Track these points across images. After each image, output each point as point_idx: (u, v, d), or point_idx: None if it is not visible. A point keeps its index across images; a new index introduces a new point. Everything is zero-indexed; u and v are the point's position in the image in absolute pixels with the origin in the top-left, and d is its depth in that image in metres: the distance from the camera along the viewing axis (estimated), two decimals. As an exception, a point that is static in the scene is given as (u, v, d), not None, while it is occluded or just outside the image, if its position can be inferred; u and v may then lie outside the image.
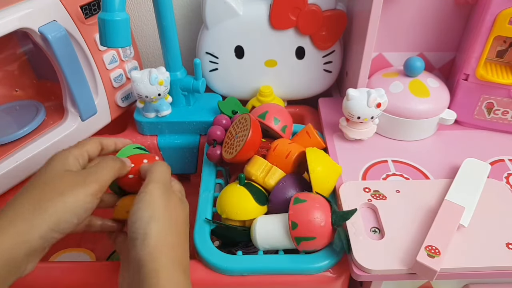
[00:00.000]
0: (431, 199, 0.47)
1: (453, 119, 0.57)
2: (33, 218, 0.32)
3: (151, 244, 0.34)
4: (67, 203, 0.34)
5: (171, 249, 0.35)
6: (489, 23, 0.51)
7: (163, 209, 0.36)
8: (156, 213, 0.36)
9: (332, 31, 0.61)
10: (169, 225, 0.36)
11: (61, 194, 0.34)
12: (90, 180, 0.36)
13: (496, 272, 0.41)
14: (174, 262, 0.35)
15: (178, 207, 0.39)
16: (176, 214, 0.38)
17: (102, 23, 0.42)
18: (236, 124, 0.53)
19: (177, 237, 0.37)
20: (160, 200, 0.37)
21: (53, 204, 0.33)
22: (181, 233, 0.38)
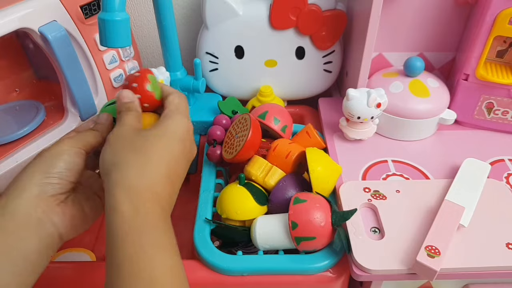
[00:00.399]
0: (431, 199, 0.47)
1: (453, 119, 0.57)
2: (26, 171, 0.36)
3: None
4: (51, 150, 0.38)
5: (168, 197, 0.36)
6: (489, 23, 0.51)
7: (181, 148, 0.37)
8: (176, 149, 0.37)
9: (332, 31, 0.61)
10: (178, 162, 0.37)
11: (48, 149, 0.38)
12: (69, 135, 0.40)
13: (496, 272, 0.41)
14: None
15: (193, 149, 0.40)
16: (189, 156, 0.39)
17: (102, 23, 0.42)
18: (236, 124, 0.53)
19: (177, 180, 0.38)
20: (181, 136, 0.38)
21: (40, 156, 0.38)
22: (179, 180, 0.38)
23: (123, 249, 0.31)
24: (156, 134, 0.37)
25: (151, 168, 0.35)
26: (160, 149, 0.36)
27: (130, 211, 0.32)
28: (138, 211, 0.32)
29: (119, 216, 0.32)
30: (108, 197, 0.33)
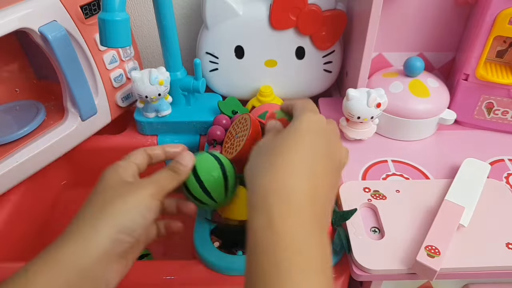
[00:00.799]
0: (431, 199, 0.47)
1: (453, 119, 0.57)
2: (96, 222, 0.32)
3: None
4: (128, 202, 0.33)
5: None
6: (489, 23, 0.51)
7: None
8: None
9: (332, 31, 0.61)
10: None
11: (121, 196, 0.33)
12: (146, 183, 0.35)
13: (496, 272, 0.41)
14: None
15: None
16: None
17: (102, 23, 0.42)
18: (236, 124, 0.53)
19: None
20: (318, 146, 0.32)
21: (114, 205, 0.33)
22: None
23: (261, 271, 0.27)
24: (288, 131, 0.33)
25: (284, 168, 0.30)
26: (293, 145, 0.31)
27: (264, 224, 0.27)
28: (276, 223, 0.27)
29: (250, 232, 0.28)
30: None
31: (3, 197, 0.54)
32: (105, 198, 0.34)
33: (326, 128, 0.34)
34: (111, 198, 0.33)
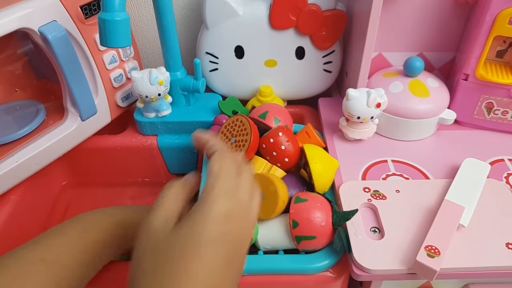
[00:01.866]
0: (431, 199, 0.47)
1: (453, 119, 0.57)
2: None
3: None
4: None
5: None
6: (489, 23, 0.51)
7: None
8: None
9: (332, 31, 0.61)
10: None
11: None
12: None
13: (496, 272, 0.41)
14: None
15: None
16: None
17: (102, 23, 0.42)
18: (230, 125, 0.52)
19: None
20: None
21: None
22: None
23: None
24: (187, 234, 0.28)
25: (178, 281, 0.27)
26: (191, 256, 0.27)
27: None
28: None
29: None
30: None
31: (3, 197, 0.54)
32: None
33: (230, 224, 0.29)
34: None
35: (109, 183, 0.68)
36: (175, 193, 0.32)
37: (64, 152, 0.57)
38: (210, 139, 0.36)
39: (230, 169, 0.32)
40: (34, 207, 0.60)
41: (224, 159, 0.33)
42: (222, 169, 0.32)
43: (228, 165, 0.32)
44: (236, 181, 0.32)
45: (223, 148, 0.35)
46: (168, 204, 0.31)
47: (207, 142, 0.36)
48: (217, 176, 0.31)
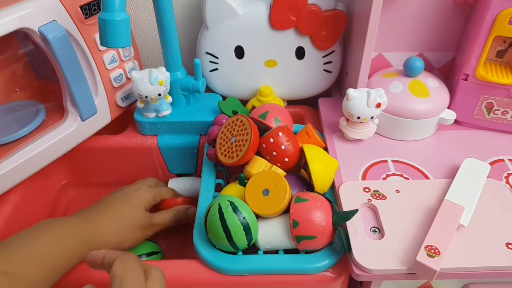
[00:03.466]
0: (431, 199, 0.47)
1: (453, 119, 0.57)
2: (105, 227, 0.48)
3: None
4: (131, 229, 0.51)
5: None
6: (489, 23, 0.51)
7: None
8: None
9: (332, 31, 0.61)
10: None
11: (131, 227, 0.51)
12: (151, 229, 0.53)
13: (496, 272, 0.41)
14: None
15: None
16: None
17: (102, 23, 0.42)
18: (230, 125, 0.52)
19: None
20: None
21: (119, 221, 0.50)
22: None
23: None
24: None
25: None
26: None
27: None
28: None
29: None
30: None
31: (3, 197, 0.54)
32: (119, 213, 0.50)
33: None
34: (125, 217, 0.50)
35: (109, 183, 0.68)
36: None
37: (64, 152, 0.57)
38: (105, 252, 0.36)
39: (134, 269, 0.33)
40: (34, 207, 0.60)
41: (127, 262, 0.33)
42: (126, 272, 0.32)
43: (132, 266, 0.33)
44: (140, 279, 0.32)
45: (123, 254, 0.35)
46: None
47: (104, 256, 0.35)
48: (123, 279, 0.31)
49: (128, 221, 0.49)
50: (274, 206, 0.44)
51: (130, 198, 0.52)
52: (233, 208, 0.42)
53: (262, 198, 0.45)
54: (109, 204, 0.51)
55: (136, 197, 0.52)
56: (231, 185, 0.50)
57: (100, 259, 0.35)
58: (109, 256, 0.35)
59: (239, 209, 0.43)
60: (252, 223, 0.43)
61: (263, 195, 0.45)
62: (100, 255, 0.36)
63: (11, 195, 0.55)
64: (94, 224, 0.47)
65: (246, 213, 0.43)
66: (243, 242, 0.43)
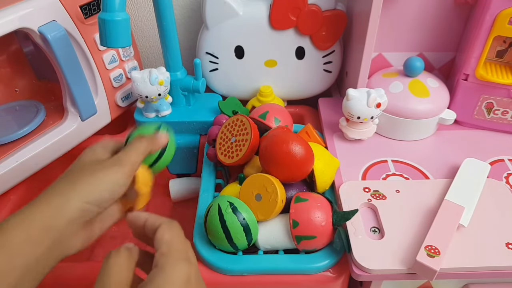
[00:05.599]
0: (431, 199, 0.47)
1: (453, 119, 0.57)
2: (68, 193, 0.35)
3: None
4: (98, 178, 0.36)
5: None
6: (489, 23, 0.51)
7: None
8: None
9: (332, 31, 0.61)
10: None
11: (93, 172, 0.36)
12: (119, 162, 0.38)
13: (496, 272, 0.41)
14: None
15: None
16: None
17: (102, 23, 0.42)
18: (230, 125, 0.52)
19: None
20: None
21: (85, 180, 0.36)
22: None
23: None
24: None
25: None
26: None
27: None
28: None
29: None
30: None
31: (3, 197, 0.54)
32: (78, 172, 0.37)
33: (191, 284, 0.31)
34: (84, 173, 0.37)
35: (109, 183, 0.68)
36: (124, 263, 0.32)
37: (64, 152, 0.57)
38: (148, 216, 0.35)
39: (181, 235, 0.34)
40: (34, 207, 0.60)
41: (173, 228, 0.34)
42: (173, 236, 0.33)
43: (179, 232, 0.34)
44: (187, 246, 0.33)
45: (167, 220, 0.35)
46: (118, 275, 0.31)
47: (146, 220, 0.35)
48: (171, 243, 0.32)
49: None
50: (267, 211, 0.43)
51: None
52: (232, 208, 0.42)
53: (256, 203, 0.44)
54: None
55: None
56: (231, 185, 0.50)
57: (142, 222, 0.35)
58: (153, 220, 0.34)
59: (239, 209, 0.43)
60: (252, 224, 0.43)
61: (256, 200, 0.44)
62: (141, 218, 0.35)
63: (11, 195, 0.55)
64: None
65: (245, 214, 0.43)
66: (243, 243, 0.43)
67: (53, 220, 0.34)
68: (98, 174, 0.36)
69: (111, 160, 0.38)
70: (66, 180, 0.36)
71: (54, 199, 0.35)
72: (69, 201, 0.34)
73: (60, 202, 0.34)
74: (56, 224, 0.34)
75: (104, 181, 0.36)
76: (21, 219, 0.33)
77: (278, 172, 0.45)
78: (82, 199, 0.35)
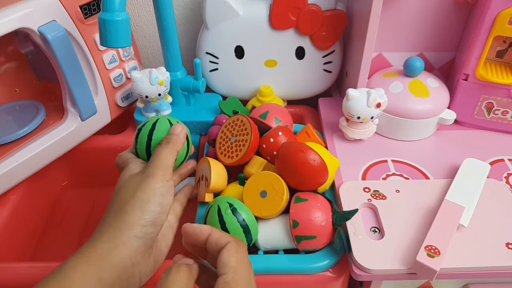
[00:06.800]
0: (431, 199, 0.47)
1: (453, 119, 0.57)
2: (119, 223, 0.34)
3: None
4: (139, 197, 0.35)
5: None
6: (489, 23, 0.51)
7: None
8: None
9: (332, 31, 0.61)
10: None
11: (133, 194, 0.35)
12: (152, 169, 0.37)
13: (496, 272, 0.41)
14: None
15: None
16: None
17: (102, 23, 0.42)
18: (230, 125, 0.52)
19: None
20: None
21: (129, 204, 0.35)
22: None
23: None
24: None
25: None
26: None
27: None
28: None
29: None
30: None
31: (3, 197, 0.54)
32: (121, 198, 0.36)
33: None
34: (125, 197, 0.35)
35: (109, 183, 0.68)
36: (184, 282, 0.30)
37: (64, 152, 0.57)
38: (212, 230, 0.33)
39: (246, 260, 0.32)
40: (34, 207, 0.60)
41: (240, 251, 0.32)
42: (240, 262, 0.31)
43: (245, 255, 0.32)
44: (251, 274, 0.32)
45: (235, 240, 0.32)
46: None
47: (210, 235, 0.33)
48: (237, 271, 0.30)
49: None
50: (272, 208, 0.44)
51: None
52: (232, 210, 0.42)
53: (260, 200, 0.45)
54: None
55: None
56: (231, 185, 0.50)
57: (204, 237, 0.32)
58: (218, 238, 0.32)
59: (238, 210, 0.43)
60: (252, 224, 0.43)
61: (260, 197, 0.45)
62: (204, 232, 0.32)
63: (11, 195, 0.55)
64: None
65: (245, 215, 0.43)
66: None
67: (114, 257, 0.32)
68: (138, 193, 0.35)
69: (143, 173, 0.37)
70: (113, 210, 0.35)
71: (110, 234, 0.33)
72: (123, 233, 0.33)
73: (116, 237, 0.33)
74: (118, 261, 0.32)
75: (146, 198, 0.35)
76: (81, 258, 0.32)
77: (293, 176, 0.45)
78: (134, 224, 0.33)
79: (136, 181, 0.36)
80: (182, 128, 0.43)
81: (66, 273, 0.31)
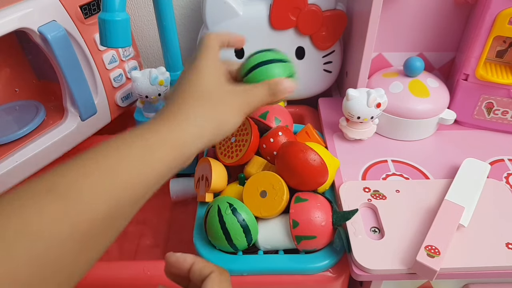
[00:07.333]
0: (431, 199, 0.47)
1: (453, 119, 0.57)
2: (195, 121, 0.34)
3: None
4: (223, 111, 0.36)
5: None
6: (489, 23, 0.51)
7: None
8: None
9: (332, 31, 0.61)
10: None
11: (216, 105, 0.36)
12: (244, 108, 0.37)
13: (496, 272, 0.41)
14: None
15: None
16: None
17: (102, 23, 0.42)
18: None
19: None
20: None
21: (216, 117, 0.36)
22: None
23: None
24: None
25: None
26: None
27: None
28: None
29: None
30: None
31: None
32: (205, 98, 0.36)
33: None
34: (211, 101, 0.36)
35: (109, 183, 0.68)
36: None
37: (64, 152, 0.57)
38: (195, 260, 0.32)
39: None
40: (34, 207, 0.60)
41: (223, 281, 0.32)
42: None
43: (228, 286, 0.32)
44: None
45: (218, 270, 0.32)
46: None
47: (193, 264, 0.32)
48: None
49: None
50: (272, 208, 0.44)
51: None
52: (232, 210, 0.42)
53: (260, 200, 0.45)
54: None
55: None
56: (231, 185, 0.50)
57: (187, 266, 0.32)
58: (202, 267, 0.31)
59: (238, 210, 0.43)
60: (252, 224, 0.43)
61: (260, 197, 0.45)
62: (188, 261, 0.32)
63: (11, 195, 0.55)
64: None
65: (245, 215, 0.43)
66: (243, 243, 0.43)
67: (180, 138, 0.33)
68: (222, 107, 0.36)
69: (238, 104, 0.37)
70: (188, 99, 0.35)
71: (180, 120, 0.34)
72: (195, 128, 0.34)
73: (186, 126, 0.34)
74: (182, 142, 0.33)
75: (227, 116, 0.36)
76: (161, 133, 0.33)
77: (293, 176, 0.45)
78: (211, 131, 0.35)
79: (232, 103, 0.37)
80: (291, 89, 0.39)
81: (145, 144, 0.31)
